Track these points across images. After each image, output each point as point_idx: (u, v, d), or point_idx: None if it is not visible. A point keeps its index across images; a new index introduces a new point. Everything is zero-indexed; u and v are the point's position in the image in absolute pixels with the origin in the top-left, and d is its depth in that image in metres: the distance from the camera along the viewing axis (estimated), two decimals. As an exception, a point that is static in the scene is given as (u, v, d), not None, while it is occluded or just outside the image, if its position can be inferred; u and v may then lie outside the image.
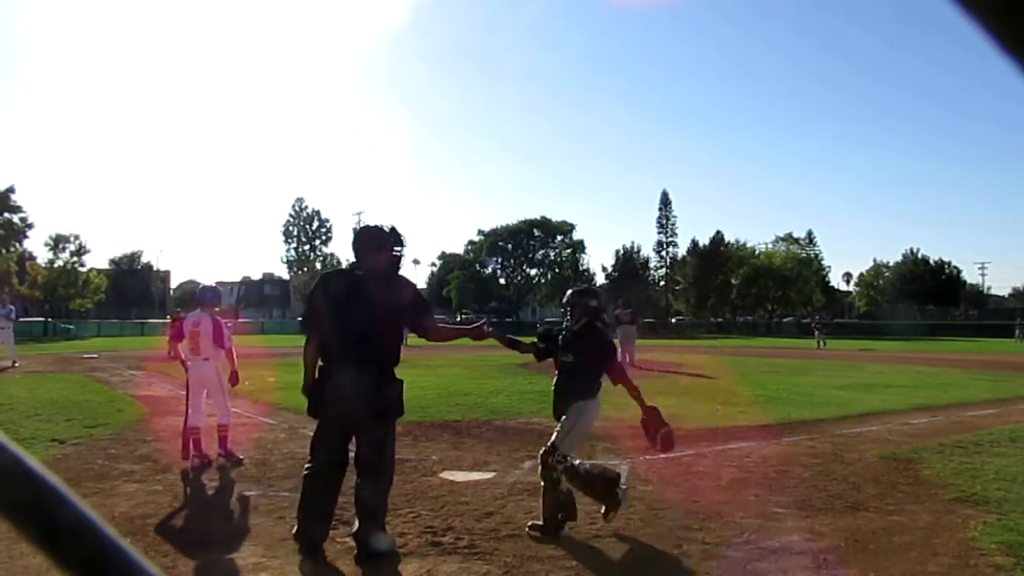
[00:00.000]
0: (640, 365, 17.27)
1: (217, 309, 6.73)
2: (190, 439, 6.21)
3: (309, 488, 3.94)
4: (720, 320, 63.53)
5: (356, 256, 4.15)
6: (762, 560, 3.85)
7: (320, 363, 4.06)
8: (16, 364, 16.40)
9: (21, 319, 23.16)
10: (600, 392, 4.47)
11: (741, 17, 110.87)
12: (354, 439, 4.01)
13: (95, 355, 21.50)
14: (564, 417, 4.40)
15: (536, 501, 5.00)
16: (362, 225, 4.70)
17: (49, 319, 46.42)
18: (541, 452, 4.45)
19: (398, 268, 4.15)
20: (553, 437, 4.40)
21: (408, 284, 4.23)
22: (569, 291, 4.76)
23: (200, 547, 4.08)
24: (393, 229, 4.17)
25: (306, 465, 4.07)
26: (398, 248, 4.12)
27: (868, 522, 4.51)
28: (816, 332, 32.45)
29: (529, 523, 4.39)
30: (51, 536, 0.38)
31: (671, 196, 65.57)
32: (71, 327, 45.92)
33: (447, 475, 5.81)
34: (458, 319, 66.82)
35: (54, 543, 0.38)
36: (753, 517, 4.61)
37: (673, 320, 64.78)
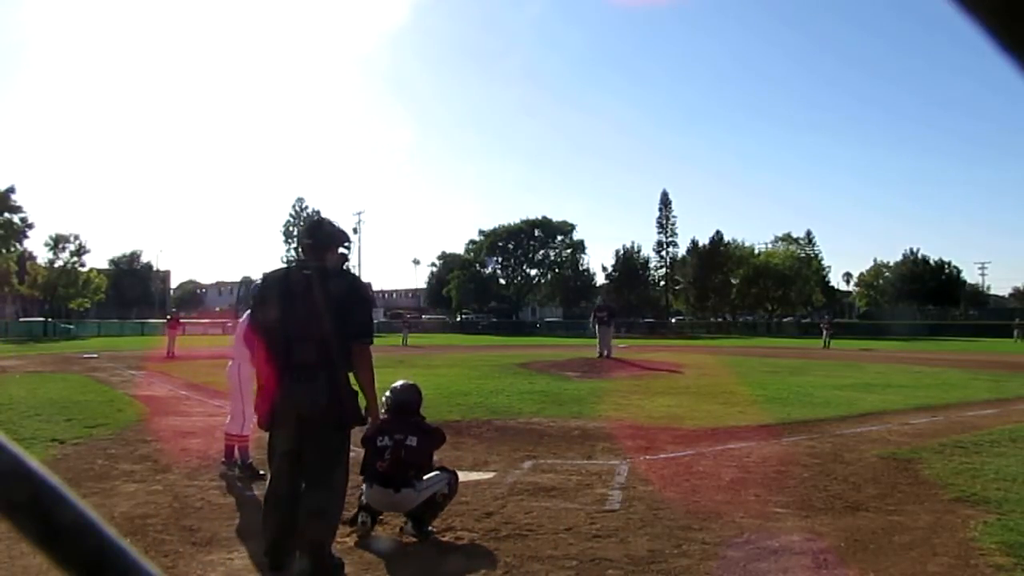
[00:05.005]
0: (641, 365, 17.30)
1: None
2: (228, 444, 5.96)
3: (267, 509, 3.70)
4: (720, 320, 63.53)
5: (308, 252, 3.83)
6: (762, 560, 3.84)
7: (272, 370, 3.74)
8: None
9: (21, 319, 23.15)
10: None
11: (741, 17, 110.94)
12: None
13: (95, 355, 21.48)
14: None
15: (536, 501, 5.01)
16: (315, 218, 4.54)
17: (49, 319, 46.43)
18: None
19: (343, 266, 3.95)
20: None
21: (361, 283, 3.97)
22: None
23: (200, 547, 4.07)
24: (324, 223, 4.03)
25: (267, 482, 3.83)
26: (347, 244, 3.93)
27: (868, 522, 4.51)
28: (823, 332, 32.52)
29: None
30: (51, 536, 0.38)
31: (671, 196, 65.98)
32: (71, 327, 45.95)
33: (447, 475, 5.79)
34: (458, 319, 66.95)
35: (54, 543, 0.38)
36: (753, 517, 4.60)
37: (673, 320, 64.81)
